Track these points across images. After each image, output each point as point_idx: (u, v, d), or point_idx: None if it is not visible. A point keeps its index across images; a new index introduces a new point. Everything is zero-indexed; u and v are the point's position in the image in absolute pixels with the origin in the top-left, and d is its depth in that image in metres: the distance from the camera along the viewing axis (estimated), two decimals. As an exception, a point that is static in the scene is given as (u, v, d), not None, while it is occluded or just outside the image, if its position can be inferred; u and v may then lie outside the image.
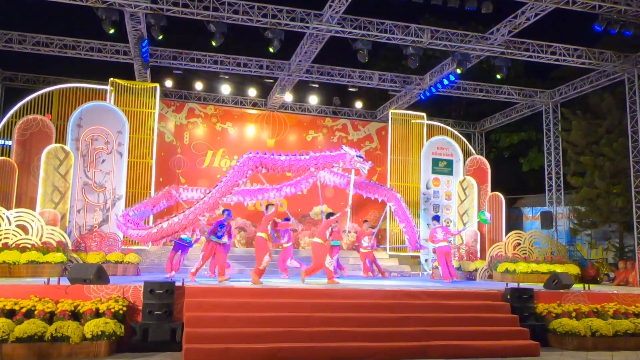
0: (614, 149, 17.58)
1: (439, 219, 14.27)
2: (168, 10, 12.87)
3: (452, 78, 16.17)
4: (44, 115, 15.14)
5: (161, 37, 13.39)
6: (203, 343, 7.33)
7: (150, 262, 14.90)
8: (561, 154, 19.14)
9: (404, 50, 14.79)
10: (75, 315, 7.59)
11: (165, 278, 9.90)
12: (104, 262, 12.53)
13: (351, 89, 18.79)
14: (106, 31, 13.01)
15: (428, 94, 17.29)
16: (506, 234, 16.44)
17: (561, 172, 19.09)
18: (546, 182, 19.42)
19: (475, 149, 21.06)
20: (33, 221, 12.33)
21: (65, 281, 8.27)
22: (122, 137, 15.25)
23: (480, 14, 12.82)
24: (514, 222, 20.72)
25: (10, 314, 7.43)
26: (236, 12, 13.16)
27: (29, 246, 11.83)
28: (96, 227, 14.58)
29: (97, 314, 7.61)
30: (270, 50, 13.66)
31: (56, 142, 14.64)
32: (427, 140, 18.38)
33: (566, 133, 18.98)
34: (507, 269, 14.25)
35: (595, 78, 16.80)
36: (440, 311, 8.87)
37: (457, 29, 15.50)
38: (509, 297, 9.40)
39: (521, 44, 14.91)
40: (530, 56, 15.17)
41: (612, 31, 13.07)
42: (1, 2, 16.74)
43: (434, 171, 18.09)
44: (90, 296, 8.00)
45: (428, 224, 16.91)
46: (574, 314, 9.33)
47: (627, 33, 13.10)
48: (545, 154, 19.55)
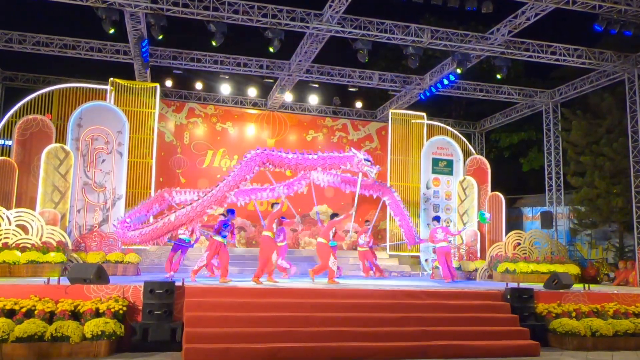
0: (614, 149, 17.59)
1: (439, 219, 14.25)
2: (168, 10, 12.87)
3: (452, 78, 16.19)
4: (44, 115, 15.13)
5: (161, 37, 13.41)
6: (203, 343, 7.33)
7: (150, 262, 14.92)
8: (561, 154, 19.15)
9: (404, 50, 14.81)
10: (75, 315, 7.60)
11: (164, 278, 9.91)
12: (104, 262, 12.53)
13: (351, 89, 18.81)
14: (106, 31, 13.02)
15: (428, 93, 17.30)
16: (506, 234, 16.44)
17: (561, 172, 19.09)
18: (546, 182, 19.42)
19: (475, 149, 21.06)
20: (33, 221, 12.34)
21: (65, 281, 8.29)
22: (122, 137, 15.25)
23: (480, 13, 12.83)
24: (514, 222, 20.73)
25: (10, 313, 7.44)
26: (236, 12, 13.16)
27: (29, 246, 11.84)
28: (96, 227, 14.58)
29: (97, 313, 7.62)
30: (271, 50, 13.67)
31: (56, 142, 14.63)
32: (427, 140, 18.37)
33: (566, 133, 18.98)
34: (507, 269, 14.27)
35: (595, 78, 16.80)
36: (440, 311, 8.88)
37: (457, 29, 15.50)
38: (509, 297, 9.41)
39: (521, 44, 14.91)
40: (530, 56, 15.17)
41: (612, 31, 13.08)
42: (1, 2, 16.73)
43: (434, 171, 18.08)
44: (90, 296, 8.00)
45: (428, 224, 16.90)
46: (574, 314, 9.34)
47: (627, 33, 13.10)
48: (545, 154, 19.55)
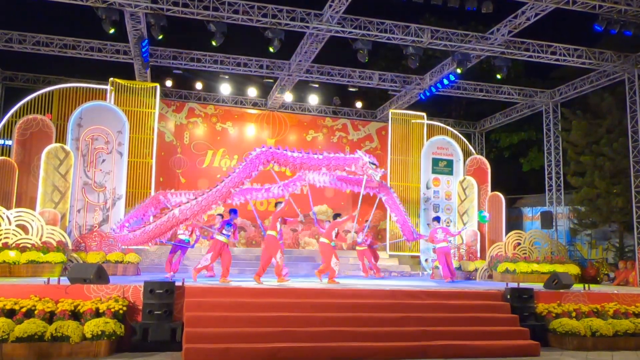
0: (614, 149, 17.59)
1: (439, 220, 14.23)
2: (168, 10, 12.87)
3: (452, 78, 16.18)
4: (44, 115, 15.13)
5: (161, 36, 13.40)
6: (203, 343, 7.33)
7: (150, 262, 14.92)
8: (561, 154, 19.14)
9: (404, 50, 14.80)
10: (75, 315, 7.60)
11: (164, 278, 9.91)
12: (104, 262, 12.54)
13: (351, 89, 18.81)
14: (106, 31, 13.02)
15: (428, 93, 17.30)
16: (506, 234, 16.44)
17: (561, 172, 19.08)
18: (546, 182, 19.42)
19: (475, 149, 21.05)
20: (33, 221, 12.33)
21: (65, 281, 8.29)
22: (122, 136, 15.24)
23: (481, 13, 12.82)
24: (514, 222, 20.73)
25: (10, 313, 7.43)
26: (236, 12, 13.16)
27: (29, 246, 11.84)
28: (96, 226, 14.58)
29: (97, 313, 7.62)
30: (271, 50, 13.66)
31: (56, 142, 14.62)
32: (427, 140, 18.37)
33: (566, 133, 18.98)
34: (507, 268, 14.27)
35: (595, 78, 16.80)
36: (441, 311, 8.88)
37: (457, 28, 15.50)
38: (509, 297, 9.41)
39: (521, 43, 14.90)
40: (531, 56, 15.17)
41: (612, 31, 13.07)
42: (1, 2, 16.73)
43: (434, 171, 18.07)
44: (90, 296, 8.00)
45: (428, 224, 16.90)
46: (574, 313, 9.34)
47: (627, 33, 13.10)
48: (545, 154, 19.55)
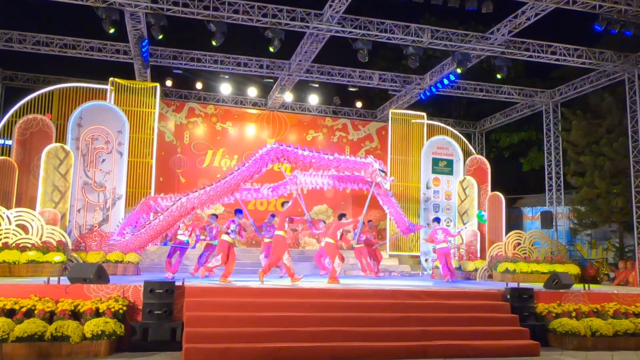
0: (614, 149, 17.58)
1: (439, 220, 14.20)
2: (168, 10, 12.86)
3: (452, 78, 16.18)
4: (44, 114, 15.12)
5: (161, 36, 13.39)
6: (203, 342, 7.33)
7: (150, 262, 14.89)
8: (561, 154, 19.13)
9: (404, 50, 14.79)
10: (75, 315, 7.60)
11: (164, 278, 9.91)
12: (104, 262, 12.51)
13: (351, 89, 18.81)
14: (106, 31, 13.01)
15: (428, 93, 17.30)
16: (506, 234, 16.43)
17: (561, 172, 19.08)
18: (546, 182, 19.41)
19: (476, 149, 21.05)
20: (33, 221, 12.33)
21: (65, 281, 8.28)
22: (122, 136, 15.24)
23: (481, 13, 12.81)
24: (514, 222, 20.72)
25: (11, 313, 7.43)
26: (236, 11, 13.16)
27: (29, 246, 11.83)
28: (96, 226, 14.58)
29: (97, 313, 7.62)
30: (271, 49, 13.66)
31: (56, 142, 14.62)
32: (427, 140, 18.36)
33: (566, 133, 18.98)
34: (507, 268, 14.27)
35: (596, 78, 16.79)
36: (441, 311, 8.88)
37: (457, 28, 15.50)
38: (509, 297, 9.41)
39: (521, 43, 14.90)
40: (531, 56, 15.17)
41: (612, 31, 13.06)
42: (1, 2, 16.72)
43: (434, 171, 18.07)
44: (90, 296, 8.00)
45: (428, 224, 16.89)
46: (574, 313, 9.34)
47: (627, 33, 13.09)
48: (546, 154, 19.54)
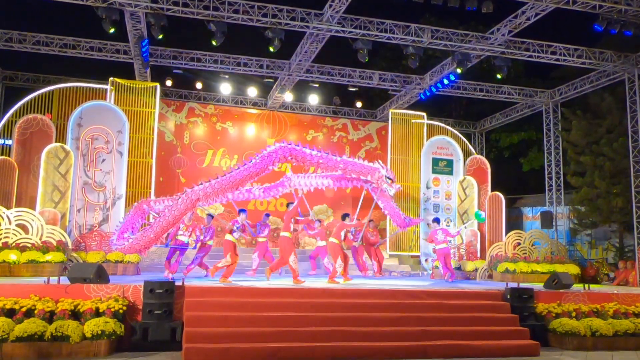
0: (614, 149, 17.58)
1: (439, 221, 14.18)
2: (168, 10, 12.86)
3: (452, 78, 16.18)
4: (44, 114, 15.11)
5: (161, 36, 13.39)
6: (203, 342, 7.33)
7: (150, 262, 14.89)
8: (561, 153, 19.13)
9: (404, 50, 14.79)
10: (75, 315, 7.60)
11: (164, 278, 9.91)
12: (104, 262, 12.50)
13: (351, 89, 18.82)
14: (106, 30, 13.01)
15: (428, 93, 17.30)
16: (506, 233, 16.41)
17: (561, 172, 19.07)
18: (546, 182, 19.41)
19: (476, 149, 21.05)
20: (33, 220, 12.32)
21: (65, 280, 8.29)
22: (122, 136, 15.23)
23: (481, 13, 12.81)
24: (514, 222, 20.72)
25: (11, 313, 7.44)
26: (236, 11, 13.15)
27: (29, 245, 11.83)
28: (96, 226, 14.58)
29: (97, 313, 7.63)
30: (271, 49, 13.66)
31: (56, 142, 14.60)
32: (427, 140, 18.35)
33: (566, 133, 18.98)
34: (507, 268, 14.26)
35: (596, 78, 16.79)
36: (441, 311, 8.88)
37: (457, 28, 15.49)
38: (509, 296, 9.41)
39: (521, 43, 14.90)
40: (531, 56, 15.16)
41: (612, 31, 13.06)
42: (1, 2, 16.72)
43: (434, 171, 18.06)
44: (90, 295, 8.00)
45: (428, 224, 16.88)
46: (574, 313, 9.35)
47: (627, 33, 13.08)
48: (546, 154, 19.54)
